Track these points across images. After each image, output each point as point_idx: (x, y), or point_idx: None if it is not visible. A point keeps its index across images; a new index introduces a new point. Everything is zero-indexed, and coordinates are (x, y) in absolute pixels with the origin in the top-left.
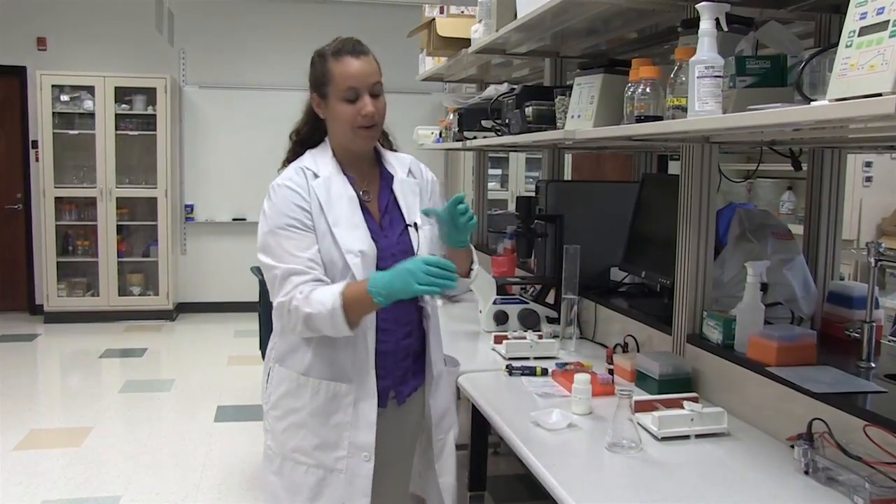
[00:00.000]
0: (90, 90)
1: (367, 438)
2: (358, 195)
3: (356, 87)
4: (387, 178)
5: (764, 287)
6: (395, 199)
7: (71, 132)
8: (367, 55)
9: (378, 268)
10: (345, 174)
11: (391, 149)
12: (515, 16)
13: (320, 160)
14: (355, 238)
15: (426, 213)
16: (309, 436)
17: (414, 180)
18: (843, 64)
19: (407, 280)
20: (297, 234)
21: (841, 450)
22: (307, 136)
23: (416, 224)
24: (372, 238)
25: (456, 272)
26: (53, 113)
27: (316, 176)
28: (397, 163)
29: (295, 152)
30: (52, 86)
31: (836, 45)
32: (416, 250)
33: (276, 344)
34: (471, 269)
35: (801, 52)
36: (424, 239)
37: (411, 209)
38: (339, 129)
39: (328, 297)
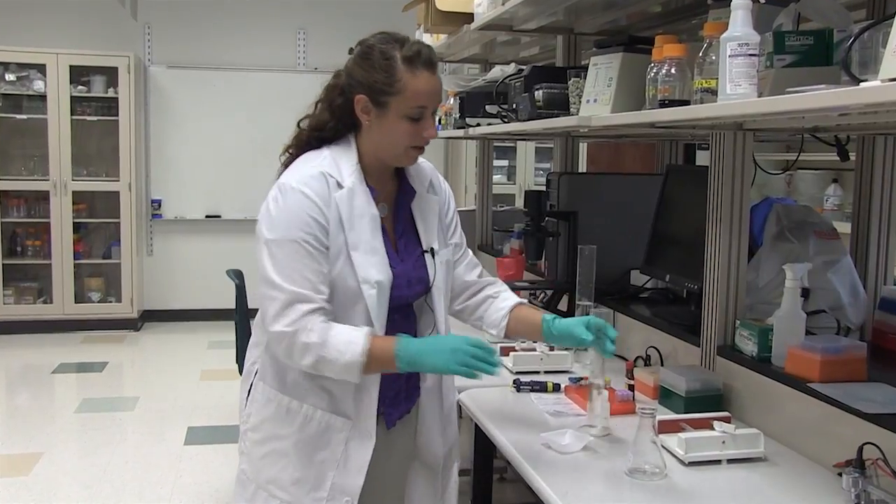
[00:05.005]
0: (41, 69)
1: (354, 482)
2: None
3: (427, 106)
4: (407, 194)
5: (805, 293)
6: (411, 217)
7: (18, 117)
8: (437, 66)
9: (392, 296)
10: (367, 185)
11: None
12: None
13: (344, 166)
14: (372, 265)
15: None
16: (289, 468)
17: (435, 197)
18: None
19: (446, 360)
20: (308, 252)
21: None
22: (331, 137)
23: (432, 249)
24: (389, 264)
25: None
26: None
27: (339, 186)
28: (418, 175)
29: (308, 146)
30: None
31: (892, 17)
32: (431, 280)
33: (264, 360)
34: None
35: (850, 26)
36: (441, 266)
37: (429, 231)
38: (389, 144)
39: (348, 347)
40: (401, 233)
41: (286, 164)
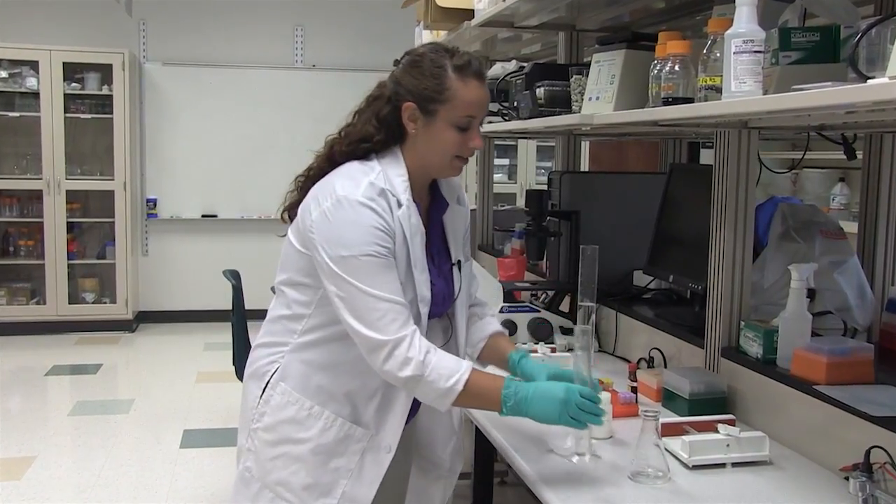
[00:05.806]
0: (34, 66)
1: (366, 494)
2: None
3: (476, 116)
4: (439, 207)
5: (811, 294)
6: (441, 230)
7: (11, 114)
8: (486, 77)
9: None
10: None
11: None
12: None
13: (396, 182)
14: (423, 283)
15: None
16: (301, 472)
17: (462, 209)
18: None
19: (557, 411)
20: (388, 263)
21: None
22: (378, 149)
23: (459, 262)
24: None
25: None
26: None
27: (399, 204)
28: (448, 186)
29: (349, 157)
30: None
31: None
32: (456, 293)
33: (287, 359)
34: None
35: (858, 22)
36: (465, 279)
37: (457, 244)
38: (435, 153)
39: (451, 373)
40: (435, 248)
41: (318, 173)
